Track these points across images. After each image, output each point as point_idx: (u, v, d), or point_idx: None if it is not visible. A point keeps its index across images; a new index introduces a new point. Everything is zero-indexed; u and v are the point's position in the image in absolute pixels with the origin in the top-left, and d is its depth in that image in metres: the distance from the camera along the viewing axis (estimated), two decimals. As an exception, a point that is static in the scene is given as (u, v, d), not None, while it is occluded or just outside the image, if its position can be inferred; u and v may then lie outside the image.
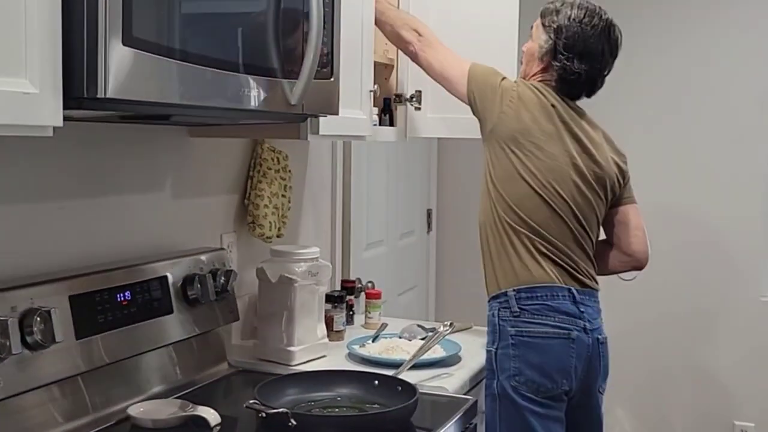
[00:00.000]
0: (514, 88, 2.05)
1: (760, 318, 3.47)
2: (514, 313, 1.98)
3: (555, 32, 2.05)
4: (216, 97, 1.44)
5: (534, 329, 1.97)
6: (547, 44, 2.07)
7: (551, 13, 2.08)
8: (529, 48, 2.14)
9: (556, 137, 2.02)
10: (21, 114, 1.14)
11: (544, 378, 1.95)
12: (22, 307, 1.46)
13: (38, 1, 1.14)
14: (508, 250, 2.01)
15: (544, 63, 2.08)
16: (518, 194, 2.00)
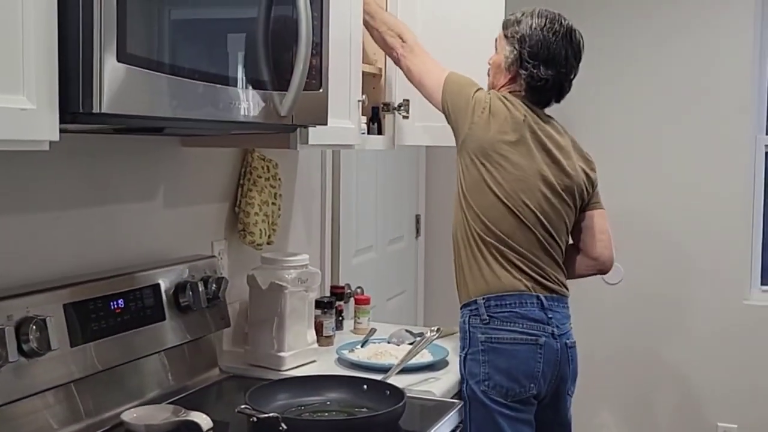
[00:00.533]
0: (486, 99, 2.09)
1: (743, 321, 3.52)
2: (484, 320, 2.04)
3: (519, 42, 2.10)
4: (208, 110, 1.47)
5: (502, 335, 2.03)
6: (512, 54, 2.11)
7: (513, 24, 2.13)
8: (495, 60, 2.19)
9: (525, 149, 2.06)
10: (19, 129, 1.17)
11: (512, 382, 2.01)
12: (18, 316, 1.49)
13: (35, 19, 1.17)
14: (478, 259, 2.07)
15: (511, 73, 2.13)
16: (486, 205, 2.05)
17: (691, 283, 3.58)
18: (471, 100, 2.10)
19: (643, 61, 3.60)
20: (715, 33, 3.50)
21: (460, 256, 2.13)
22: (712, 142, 3.53)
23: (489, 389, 2.01)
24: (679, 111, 3.57)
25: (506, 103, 2.09)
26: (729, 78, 3.49)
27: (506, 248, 2.05)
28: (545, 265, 2.08)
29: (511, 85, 2.15)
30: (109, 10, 1.22)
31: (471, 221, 2.08)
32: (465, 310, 2.10)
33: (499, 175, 2.04)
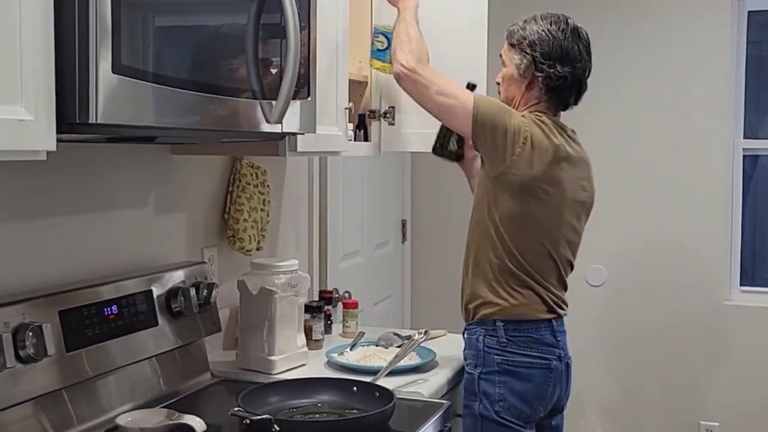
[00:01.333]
0: (525, 128, 2.00)
1: (724, 321, 3.58)
2: (502, 342, 2.04)
3: (529, 46, 2.06)
4: (200, 119, 1.51)
5: (519, 359, 2.04)
6: (524, 61, 2.07)
7: (518, 32, 2.10)
8: (505, 73, 2.14)
9: (564, 180, 2.04)
10: (17, 140, 1.20)
11: (525, 405, 2.04)
12: (14, 323, 1.52)
13: (32, 32, 1.20)
14: (501, 284, 2.05)
15: (527, 78, 2.08)
16: (519, 237, 2.03)
17: (672, 284, 3.64)
18: (509, 128, 1.99)
19: (622, 67, 3.66)
20: (694, 38, 3.56)
21: (479, 275, 2.08)
22: (691, 146, 3.59)
23: (503, 410, 2.03)
24: (658, 115, 3.63)
25: (544, 129, 2.02)
26: (707, 82, 3.55)
27: (529, 277, 2.05)
28: (558, 292, 2.11)
29: (528, 92, 2.10)
30: (104, 23, 1.26)
31: (500, 248, 2.04)
32: (478, 328, 2.08)
33: (538, 210, 2.02)
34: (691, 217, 3.60)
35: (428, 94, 2.09)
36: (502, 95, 2.17)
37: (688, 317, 3.62)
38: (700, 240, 3.59)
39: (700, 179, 3.58)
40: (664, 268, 3.65)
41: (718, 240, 3.59)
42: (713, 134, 3.56)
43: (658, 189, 3.65)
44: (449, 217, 3.88)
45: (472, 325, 2.11)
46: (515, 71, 2.11)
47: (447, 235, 3.88)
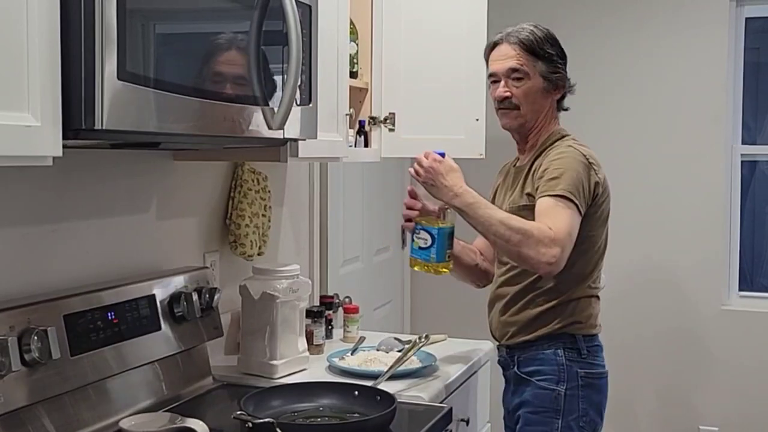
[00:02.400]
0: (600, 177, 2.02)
1: (722, 326, 3.59)
2: (583, 354, 2.05)
3: (557, 55, 2.08)
4: (203, 125, 1.53)
5: (596, 370, 2.07)
6: (558, 70, 2.08)
7: (534, 39, 2.05)
8: (530, 87, 2.07)
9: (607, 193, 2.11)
10: (24, 146, 1.22)
11: (598, 417, 2.08)
12: (20, 327, 1.53)
13: (39, 39, 1.22)
14: (578, 299, 2.08)
15: (561, 89, 2.12)
16: (592, 262, 2.09)
17: (670, 289, 3.65)
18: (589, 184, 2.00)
19: (618, 73, 3.68)
20: (692, 44, 3.58)
21: (548, 291, 2.07)
22: (689, 151, 3.61)
23: (586, 425, 2.04)
24: (656, 121, 3.65)
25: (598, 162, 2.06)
26: (705, 88, 3.57)
27: (596, 287, 2.11)
28: None
29: (555, 104, 2.13)
30: (110, 30, 1.28)
31: (579, 263, 2.04)
32: (554, 343, 2.06)
33: (598, 230, 2.08)
34: (690, 222, 3.62)
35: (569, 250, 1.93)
36: (525, 110, 2.09)
37: (686, 322, 3.63)
38: (698, 245, 3.61)
39: (698, 185, 3.60)
40: (663, 273, 3.66)
41: (716, 245, 3.60)
42: (711, 140, 3.58)
43: (656, 194, 3.67)
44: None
45: (542, 340, 2.07)
46: (545, 84, 2.08)
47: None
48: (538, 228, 1.88)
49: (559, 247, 1.86)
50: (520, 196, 2.07)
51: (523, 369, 2.09)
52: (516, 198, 2.08)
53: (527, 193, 2.04)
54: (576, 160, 1.98)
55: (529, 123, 2.11)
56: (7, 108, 1.19)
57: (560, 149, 2.04)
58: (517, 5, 3.48)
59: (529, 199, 2.02)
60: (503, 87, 2.08)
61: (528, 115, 2.09)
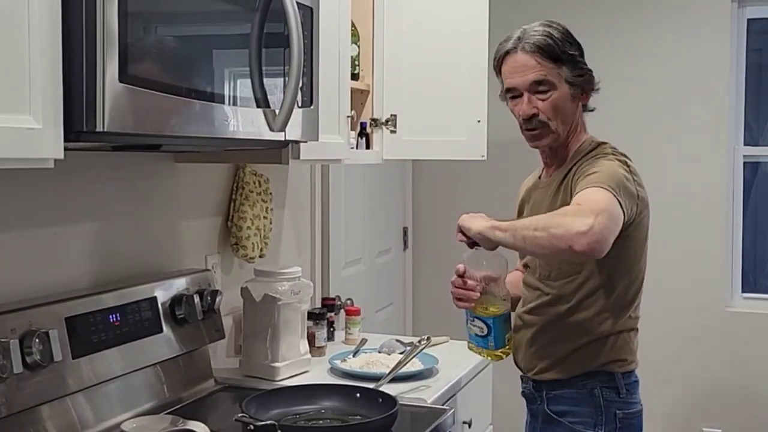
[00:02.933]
0: (640, 192, 1.82)
1: (726, 327, 3.59)
2: (621, 394, 1.86)
3: (580, 54, 1.87)
4: (204, 128, 1.53)
5: (634, 409, 1.90)
6: (583, 73, 1.86)
7: (553, 42, 1.83)
8: (557, 98, 1.83)
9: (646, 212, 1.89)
10: (25, 148, 1.22)
11: None
12: (21, 329, 1.53)
13: (40, 42, 1.23)
14: (618, 333, 1.88)
15: (587, 94, 1.91)
16: (634, 288, 1.91)
17: (673, 291, 3.65)
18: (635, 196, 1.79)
19: (620, 74, 3.67)
20: (693, 44, 3.58)
21: (582, 327, 1.85)
22: (691, 153, 3.60)
23: None
24: (657, 123, 3.65)
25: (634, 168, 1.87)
26: (707, 90, 3.57)
27: (636, 317, 1.93)
28: None
29: (581, 107, 1.91)
30: (111, 33, 1.28)
31: (618, 290, 1.86)
32: (591, 381, 1.85)
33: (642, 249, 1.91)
34: (692, 224, 3.61)
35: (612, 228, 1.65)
36: (555, 125, 1.85)
37: (690, 324, 3.62)
38: (701, 247, 3.60)
39: (700, 187, 3.60)
40: (666, 275, 3.65)
41: (719, 247, 3.60)
42: (713, 142, 3.58)
43: (658, 196, 3.63)
44: (450, 224, 3.86)
45: (578, 380, 1.86)
46: (572, 90, 1.84)
47: (448, 243, 3.86)
48: (570, 208, 1.67)
49: (593, 215, 1.59)
50: (552, 210, 1.79)
51: (554, 407, 1.88)
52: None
53: (562, 203, 1.80)
54: (616, 168, 1.77)
55: (562, 137, 1.87)
56: (8, 110, 1.19)
57: (599, 158, 1.83)
58: (518, 5, 3.48)
59: None
60: (527, 103, 1.83)
61: (560, 130, 1.85)
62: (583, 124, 1.94)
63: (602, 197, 1.66)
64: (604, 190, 1.67)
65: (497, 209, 2.00)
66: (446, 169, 3.76)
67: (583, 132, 1.94)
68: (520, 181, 2.16)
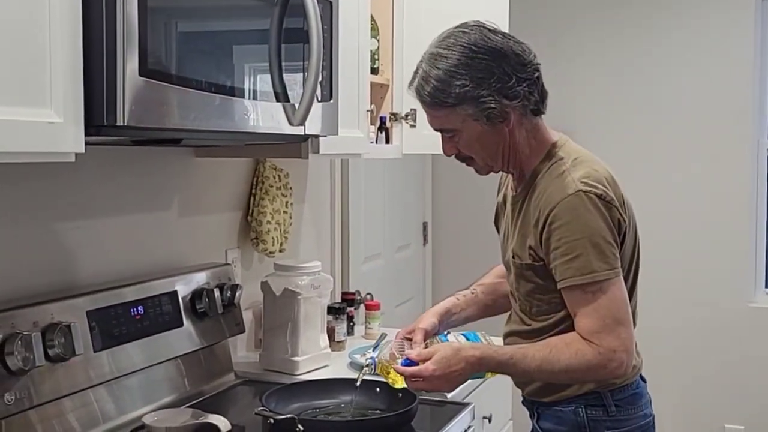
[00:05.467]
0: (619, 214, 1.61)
1: (749, 323, 3.55)
2: (610, 412, 1.70)
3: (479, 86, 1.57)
4: (224, 122, 1.53)
5: (630, 424, 1.72)
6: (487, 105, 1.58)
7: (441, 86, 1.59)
8: (468, 138, 1.64)
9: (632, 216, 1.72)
10: (47, 142, 1.23)
11: None
12: (43, 322, 1.55)
13: (61, 37, 1.23)
14: None
15: (507, 120, 1.61)
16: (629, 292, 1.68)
17: (696, 286, 3.62)
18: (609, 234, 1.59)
19: (643, 66, 3.65)
20: (716, 37, 3.55)
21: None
22: (714, 146, 3.57)
23: None
24: (681, 116, 3.62)
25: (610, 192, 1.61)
26: (730, 82, 3.53)
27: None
28: None
29: (519, 134, 1.64)
30: (131, 27, 1.28)
31: None
32: (576, 400, 1.70)
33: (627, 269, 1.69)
34: (715, 218, 3.58)
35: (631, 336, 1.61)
36: (481, 159, 1.68)
37: (712, 319, 3.60)
38: (724, 242, 3.57)
39: (723, 180, 3.57)
40: (688, 270, 3.63)
41: (742, 241, 3.57)
42: (737, 134, 3.55)
43: (681, 190, 3.63)
44: (470, 219, 3.89)
45: (563, 403, 1.72)
46: (482, 124, 1.60)
47: (468, 237, 3.88)
48: (588, 353, 1.56)
49: (621, 350, 1.57)
50: (522, 249, 1.68)
51: (543, 424, 1.77)
52: (518, 249, 1.70)
53: (530, 246, 1.65)
54: (587, 214, 1.57)
55: (499, 163, 1.69)
56: (29, 104, 1.20)
57: (561, 192, 1.59)
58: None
59: (533, 257, 1.65)
60: (446, 145, 1.70)
61: (489, 161, 1.69)
62: (534, 137, 1.67)
63: (606, 310, 1.58)
64: (601, 293, 1.57)
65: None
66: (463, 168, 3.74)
67: (538, 144, 1.69)
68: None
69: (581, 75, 3.68)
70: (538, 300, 1.69)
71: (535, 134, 1.68)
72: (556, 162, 1.66)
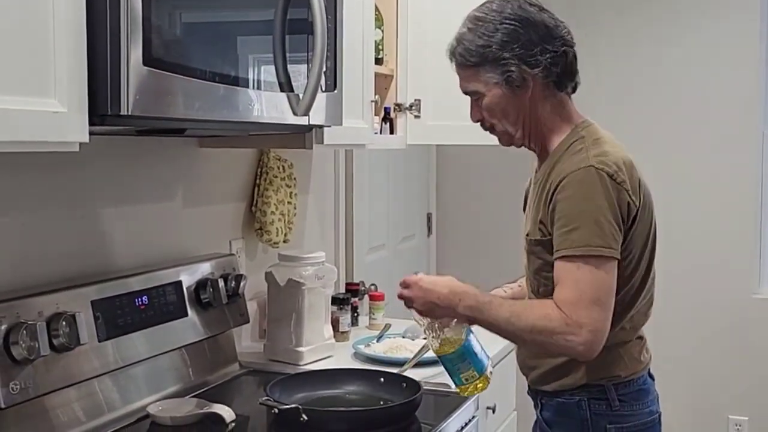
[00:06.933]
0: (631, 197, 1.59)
1: (753, 314, 3.55)
2: (614, 407, 1.68)
3: (502, 49, 1.61)
4: (228, 112, 1.53)
5: (634, 420, 1.70)
6: (508, 69, 1.62)
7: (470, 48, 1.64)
8: (489, 103, 1.66)
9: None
10: (51, 131, 1.23)
11: None
12: (48, 312, 1.55)
13: (65, 26, 1.23)
14: (608, 348, 1.63)
15: (525, 87, 1.64)
16: (627, 298, 1.66)
17: (700, 277, 3.61)
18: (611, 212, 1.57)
19: (648, 57, 3.63)
20: (721, 28, 3.53)
21: None
22: (719, 138, 3.56)
23: None
24: (685, 107, 3.61)
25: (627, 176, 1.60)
26: (735, 73, 3.52)
27: (635, 323, 1.71)
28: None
29: (537, 103, 1.65)
30: (135, 16, 1.28)
31: (617, 308, 1.62)
32: (578, 392, 1.69)
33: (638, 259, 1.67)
34: (719, 209, 3.57)
35: (606, 318, 1.57)
36: (501, 127, 1.70)
37: (716, 311, 3.59)
38: (728, 233, 3.56)
39: (728, 171, 3.55)
40: (692, 261, 3.62)
41: (746, 233, 3.56)
42: (742, 126, 3.53)
43: (685, 181, 3.62)
44: (474, 210, 3.88)
45: (565, 393, 1.71)
46: (503, 89, 1.63)
47: (472, 228, 3.88)
48: (555, 318, 1.55)
49: (589, 328, 1.53)
50: (534, 225, 1.67)
51: (545, 415, 1.76)
52: (531, 226, 1.70)
53: (540, 221, 1.65)
54: (593, 188, 1.56)
55: (519, 133, 1.70)
56: (34, 94, 1.20)
57: (573, 166, 1.60)
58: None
59: (542, 232, 1.64)
60: (473, 110, 1.73)
61: (510, 130, 1.70)
62: (557, 114, 1.69)
63: (587, 286, 1.55)
64: (587, 271, 1.54)
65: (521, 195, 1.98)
66: (470, 155, 3.74)
67: (561, 122, 1.70)
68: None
69: (587, 67, 3.66)
70: (545, 278, 1.67)
71: (560, 112, 1.69)
72: (576, 140, 1.66)
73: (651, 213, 1.70)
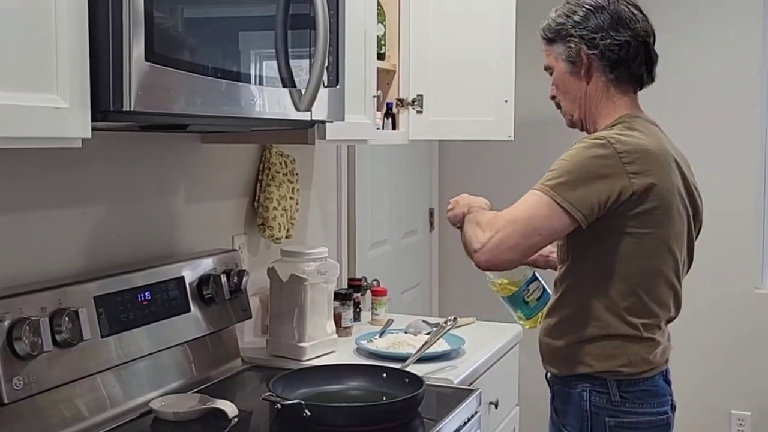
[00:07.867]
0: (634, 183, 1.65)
1: (756, 309, 3.55)
2: (615, 402, 1.70)
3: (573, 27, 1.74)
4: (230, 107, 1.53)
5: (636, 419, 1.71)
6: (572, 46, 1.74)
7: (553, 24, 1.78)
8: (557, 76, 1.79)
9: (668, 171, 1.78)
10: (53, 127, 1.23)
11: None
12: (51, 308, 1.55)
13: (67, 22, 1.23)
14: (613, 335, 1.71)
15: (583, 66, 1.75)
16: (627, 290, 1.72)
17: (703, 272, 3.57)
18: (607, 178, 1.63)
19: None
20: (724, 25, 3.52)
21: (583, 326, 1.73)
22: (722, 134, 3.55)
23: None
24: (688, 103, 3.60)
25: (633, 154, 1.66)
26: (739, 71, 3.51)
27: (648, 319, 1.76)
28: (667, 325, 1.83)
29: (593, 84, 1.75)
30: (137, 12, 1.28)
31: (614, 294, 1.71)
32: (580, 384, 1.74)
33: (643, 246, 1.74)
34: (723, 205, 3.56)
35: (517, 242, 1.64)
36: (564, 105, 1.82)
37: (719, 305, 3.59)
38: (731, 228, 3.56)
39: (731, 167, 3.55)
40: (696, 256, 3.61)
41: (750, 228, 3.55)
42: (745, 122, 3.53)
43: (688, 177, 3.61)
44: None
45: (568, 380, 1.77)
46: (566, 65, 1.76)
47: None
48: (487, 222, 1.69)
49: (493, 231, 1.63)
50: None
51: (555, 403, 1.82)
52: None
53: None
54: (583, 151, 1.64)
55: (575, 116, 1.80)
56: (36, 90, 1.19)
57: (585, 140, 1.72)
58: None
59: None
60: (551, 87, 1.85)
61: (569, 108, 1.81)
62: (612, 102, 1.77)
63: (522, 208, 1.66)
64: (536, 196, 1.65)
65: (524, 190, 1.98)
66: (473, 150, 3.74)
67: (613, 110, 1.77)
68: (548, 162, 2.13)
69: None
70: (558, 248, 1.80)
71: (615, 100, 1.78)
72: (616, 125, 1.75)
73: (676, 219, 1.80)
